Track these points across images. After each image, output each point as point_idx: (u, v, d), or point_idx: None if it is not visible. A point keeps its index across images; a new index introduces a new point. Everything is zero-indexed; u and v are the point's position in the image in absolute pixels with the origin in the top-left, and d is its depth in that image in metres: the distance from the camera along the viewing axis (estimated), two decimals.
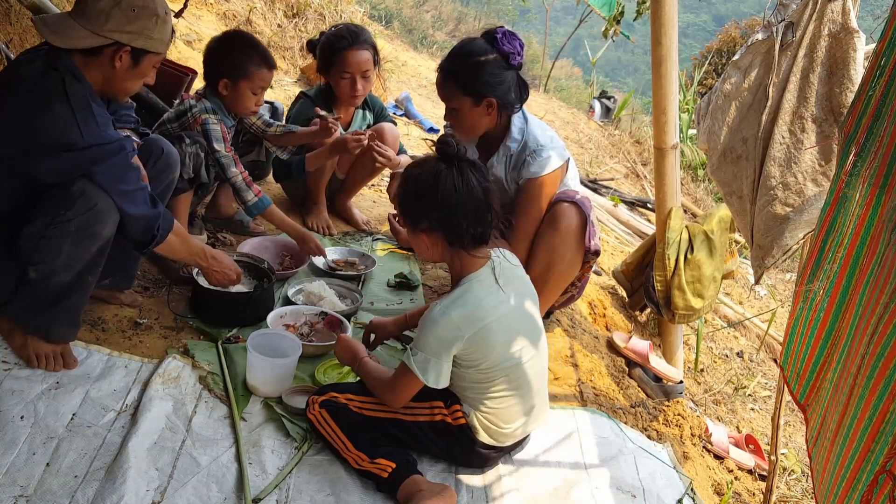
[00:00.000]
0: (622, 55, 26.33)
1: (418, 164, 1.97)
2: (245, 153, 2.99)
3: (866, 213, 1.67)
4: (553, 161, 2.57)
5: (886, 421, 1.40)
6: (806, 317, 1.92)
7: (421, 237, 1.94)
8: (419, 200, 1.91)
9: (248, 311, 2.52)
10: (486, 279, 1.93)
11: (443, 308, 1.88)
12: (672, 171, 3.13)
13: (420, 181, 1.90)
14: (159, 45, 1.98)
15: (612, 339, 3.18)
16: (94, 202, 1.91)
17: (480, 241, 1.93)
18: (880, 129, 1.68)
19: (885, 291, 1.45)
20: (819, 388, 1.83)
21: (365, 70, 3.15)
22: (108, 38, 1.90)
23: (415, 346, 1.91)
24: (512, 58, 2.49)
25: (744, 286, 5.22)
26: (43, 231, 1.92)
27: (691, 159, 7.57)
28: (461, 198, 1.86)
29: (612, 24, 8.05)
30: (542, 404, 2.11)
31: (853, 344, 1.61)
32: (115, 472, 1.78)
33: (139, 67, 1.99)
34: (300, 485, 1.92)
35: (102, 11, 1.88)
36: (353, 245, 3.32)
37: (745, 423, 3.46)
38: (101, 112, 1.94)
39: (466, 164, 1.90)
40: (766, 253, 2.47)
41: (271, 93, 5.10)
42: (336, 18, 6.38)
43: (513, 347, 1.96)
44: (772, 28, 2.39)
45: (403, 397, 1.98)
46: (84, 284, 2.03)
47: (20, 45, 3.35)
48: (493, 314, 1.90)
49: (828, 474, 1.66)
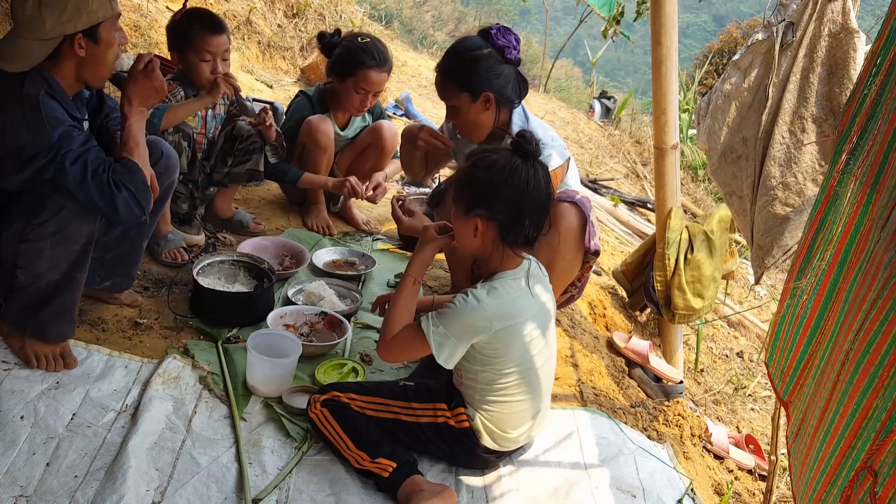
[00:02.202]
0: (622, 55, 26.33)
1: (492, 150, 1.92)
2: (243, 162, 3.00)
3: (857, 211, 1.68)
4: (554, 160, 2.57)
5: (869, 417, 1.40)
6: (792, 314, 1.93)
7: (472, 222, 1.88)
8: (488, 188, 1.86)
9: (248, 311, 2.52)
10: (519, 279, 1.92)
11: (480, 296, 1.85)
12: (672, 171, 3.13)
13: (494, 169, 1.85)
14: (104, 10, 1.87)
15: (612, 339, 3.18)
16: (64, 203, 1.87)
17: (529, 244, 1.92)
18: (874, 128, 1.68)
19: (873, 288, 1.46)
20: (802, 385, 1.84)
21: (379, 90, 3.19)
22: (57, 37, 1.84)
23: (439, 318, 1.87)
24: (507, 51, 2.49)
25: (744, 286, 5.22)
26: (22, 234, 1.89)
27: (691, 159, 7.57)
28: (530, 196, 1.85)
29: (612, 24, 8.05)
30: (546, 410, 2.11)
31: (838, 340, 1.62)
32: (115, 472, 1.78)
33: (101, 42, 1.90)
34: (300, 485, 1.92)
35: (35, 17, 1.81)
36: (353, 245, 3.32)
37: (745, 423, 3.46)
38: (55, 112, 1.85)
39: (539, 163, 1.88)
40: (766, 253, 2.47)
41: (271, 93, 5.11)
42: (336, 18, 6.39)
43: (532, 350, 1.95)
44: (772, 28, 2.39)
45: (403, 353, 1.96)
46: (73, 282, 2.00)
47: None
48: (523, 315, 1.90)
49: (807, 469, 1.67)
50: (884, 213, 1.50)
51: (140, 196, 1.93)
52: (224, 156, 2.99)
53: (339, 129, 3.32)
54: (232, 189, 3.16)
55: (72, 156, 1.83)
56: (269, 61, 5.79)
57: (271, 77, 5.52)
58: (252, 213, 3.31)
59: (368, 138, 3.37)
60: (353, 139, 3.40)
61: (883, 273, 1.42)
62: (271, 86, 5.30)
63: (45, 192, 1.86)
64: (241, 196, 3.47)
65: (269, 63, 5.77)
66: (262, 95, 4.57)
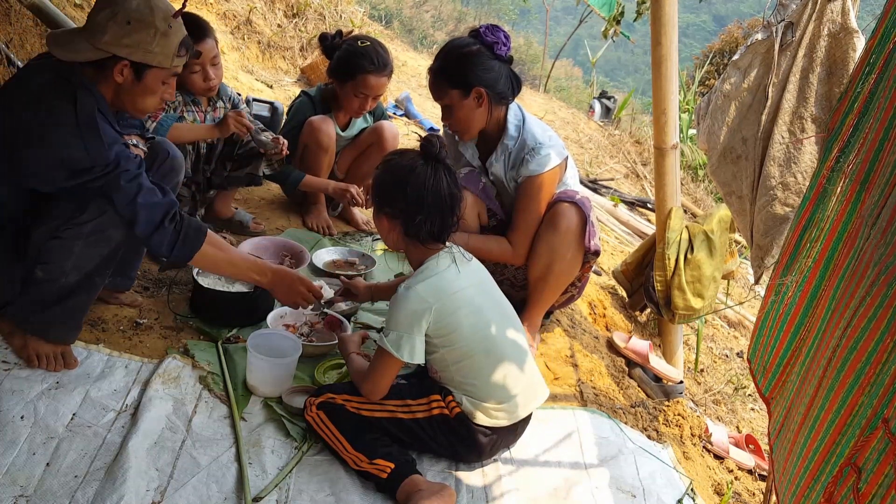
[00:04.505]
0: (622, 55, 26.34)
1: (400, 153, 2.07)
2: (242, 166, 3.00)
3: (845, 209, 1.68)
4: (552, 159, 2.57)
5: (854, 414, 1.41)
6: (776, 311, 1.93)
7: (382, 220, 2.05)
8: (389, 187, 2.01)
9: (248, 311, 2.52)
10: (444, 260, 2.01)
11: (407, 285, 1.96)
12: (672, 171, 3.13)
13: (395, 169, 2.00)
14: (162, 60, 1.92)
15: (612, 339, 3.18)
16: (106, 207, 1.91)
17: (435, 239, 2.01)
18: (866, 126, 1.68)
19: (861, 286, 1.46)
20: (785, 382, 1.84)
21: (379, 94, 3.19)
22: (107, 52, 1.87)
23: (387, 327, 1.97)
24: (497, 47, 2.50)
25: (744, 286, 5.22)
26: (55, 232, 1.91)
27: (691, 159, 7.58)
28: (427, 196, 1.95)
29: (612, 24, 8.05)
30: (533, 382, 2.12)
31: (824, 337, 1.62)
32: (115, 472, 1.78)
33: (144, 82, 1.94)
34: (300, 485, 1.92)
35: (100, 24, 1.86)
36: (353, 245, 3.32)
37: (745, 423, 3.46)
38: (109, 130, 1.91)
39: (443, 167, 1.98)
40: (765, 253, 2.48)
41: (271, 93, 5.11)
42: (336, 18, 6.39)
43: (481, 320, 2.01)
44: (771, 28, 2.39)
45: (381, 383, 2.00)
46: (91, 286, 2.03)
47: (20, 45, 3.35)
48: (456, 286, 1.98)
49: (790, 465, 1.67)
50: (874, 211, 1.50)
51: (180, 250, 1.98)
52: (223, 160, 3.00)
53: (341, 130, 3.32)
54: (231, 191, 3.16)
55: (128, 175, 1.89)
56: (269, 61, 5.79)
57: (271, 77, 5.52)
58: (252, 213, 3.31)
59: (369, 139, 3.37)
60: (355, 139, 3.40)
61: (872, 271, 1.43)
62: (271, 86, 5.30)
63: (90, 196, 1.90)
64: (241, 196, 3.47)
65: (269, 63, 5.77)
66: (262, 95, 4.56)
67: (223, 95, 3.00)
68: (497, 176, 2.68)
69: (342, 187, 3.22)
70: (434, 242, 2.02)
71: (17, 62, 3.19)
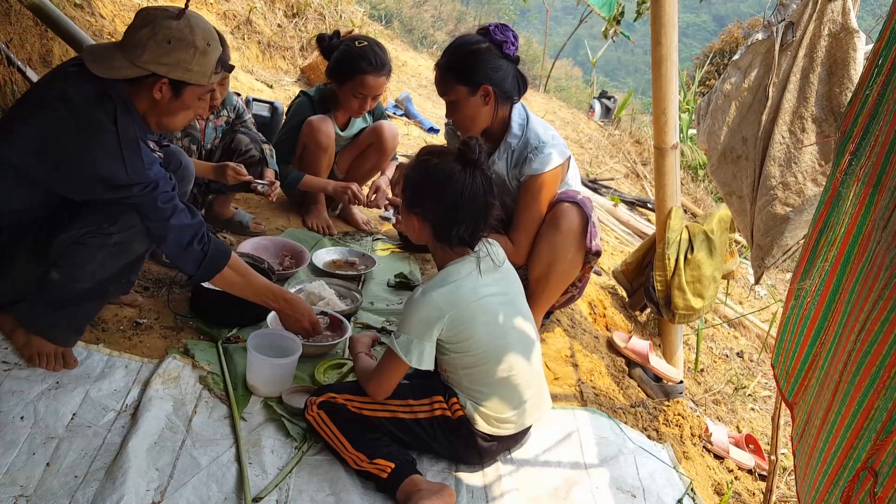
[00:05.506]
0: (622, 55, 26.35)
1: (437, 153, 1.99)
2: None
3: (859, 212, 1.68)
4: (554, 158, 2.57)
5: (870, 418, 1.40)
6: (797, 315, 1.93)
7: (412, 219, 1.99)
8: (424, 189, 1.95)
9: (248, 311, 2.52)
10: (467, 265, 1.97)
11: (424, 290, 1.92)
12: (672, 171, 3.13)
13: (432, 172, 1.93)
14: (200, 78, 1.93)
15: (612, 339, 3.18)
16: (135, 222, 1.93)
17: (465, 245, 1.98)
18: (876, 128, 1.68)
19: (875, 289, 1.46)
20: (806, 386, 1.84)
21: (378, 94, 3.18)
22: (146, 70, 1.87)
23: (398, 330, 1.95)
24: (505, 46, 2.51)
25: (744, 286, 5.22)
26: (80, 238, 1.91)
27: (691, 159, 7.58)
28: (463, 203, 1.90)
29: (612, 24, 8.05)
30: (540, 394, 2.11)
31: (841, 341, 1.62)
32: (115, 472, 1.78)
33: (181, 100, 1.95)
34: (300, 485, 1.92)
35: (140, 43, 1.85)
36: (353, 245, 3.32)
37: (745, 423, 3.46)
38: (147, 151, 1.93)
39: (480, 172, 1.92)
40: (766, 253, 2.47)
41: (271, 93, 5.11)
42: (336, 18, 6.39)
43: (498, 329, 1.98)
44: (772, 28, 2.39)
45: (387, 384, 1.99)
46: (103, 293, 2.05)
47: (20, 44, 3.35)
48: (475, 295, 1.94)
49: (811, 470, 1.67)
50: (885, 214, 1.50)
51: (203, 271, 2.04)
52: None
53: (340, 130, 3.33)
54: (230, 194, 3.16)
55: (165, 197, 1.94)
56: (269, 61, 5.79)
57: (271, 77, 5.53)
58: (252, 213, 3.31)
59: (369, 139, 3.37)
60: (354, 139, 3.40)
61: (884, 274, 1.43)
62: (271, 86, 5.30)
63: (123, 209, 1.91)
64: (241, 196, 3.47)
65: (269, 63, 5.78)
66: (262, 95, 4.56)
67: (227, 105, 3.00)
68: (499, 174, 2.68)
69: (342, 186, 3.22)
70: (463, 247, 1.99)
71: (17, 62, 3.19)
